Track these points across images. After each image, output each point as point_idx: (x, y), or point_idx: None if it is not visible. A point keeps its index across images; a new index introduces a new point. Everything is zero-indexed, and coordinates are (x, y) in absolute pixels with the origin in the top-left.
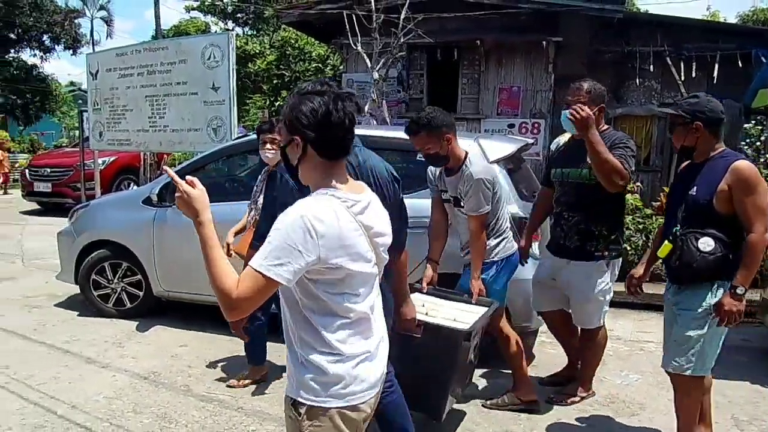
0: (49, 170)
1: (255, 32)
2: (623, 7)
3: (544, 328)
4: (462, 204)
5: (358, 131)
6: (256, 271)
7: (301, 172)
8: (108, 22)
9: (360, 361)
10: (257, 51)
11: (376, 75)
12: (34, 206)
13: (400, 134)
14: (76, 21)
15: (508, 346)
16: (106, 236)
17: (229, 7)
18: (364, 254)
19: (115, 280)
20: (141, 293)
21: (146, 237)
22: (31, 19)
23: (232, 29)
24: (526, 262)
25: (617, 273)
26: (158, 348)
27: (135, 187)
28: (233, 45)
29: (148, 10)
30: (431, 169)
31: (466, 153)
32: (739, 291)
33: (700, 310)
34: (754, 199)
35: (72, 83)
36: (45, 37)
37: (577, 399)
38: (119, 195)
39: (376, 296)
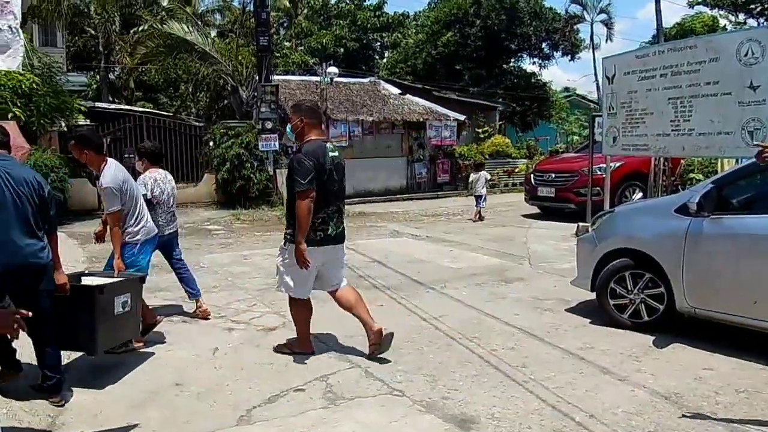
0: (553, 175)
1: None
2: None
3: None
4: None
5: None
6: None
7: None
8: (608, 25)
9: None
10: None
11: None
12: (534, 210)
13: None
14: (575, 27)
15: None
16: (630, 244)
17: None
18: None
19: (635, 291)
20: (661, 307)
21: (676, 248)
22: (531, 28)
23: (744, 22)
24: None
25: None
26: (679, 367)
27: (654, 195)
28: None
29: (640, 9)
30: None
31: (105, 162)
32: None
33: None
34: None
35: (566, 89)
36: (544, 45)
37: (287, 351)
38: (648, 202)
39: None
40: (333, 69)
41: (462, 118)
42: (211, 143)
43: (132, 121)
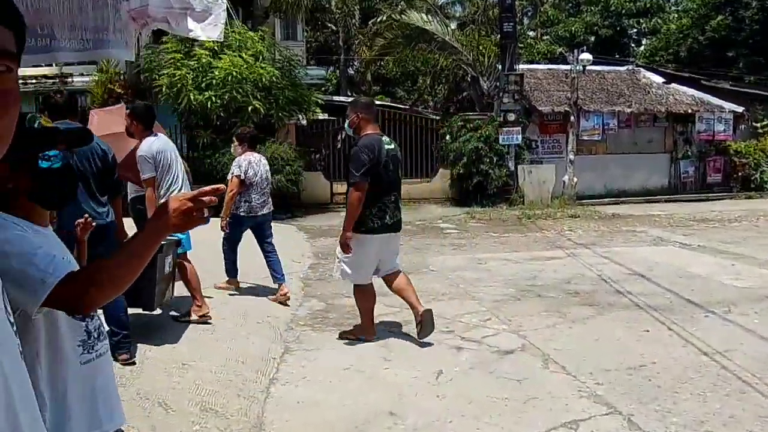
0: None
1: None
2: None
3: None
4: None
5: None
6: None
7: None
8: None
9: None
10: None
11: None
12: None
13: None
14: None
15: (183, 272)
16: None
17: None
18: None
19: None
20: None
21: None
22: None
23: None
24: None
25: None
26: None
27: None
28: None
29: None
30: None
31: (151, 136)
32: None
33: None
34: None
35: None
36: None
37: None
38: None
39: None
40: (586, 56)
41: (740, 109)
42: (447, 137)
43: None
